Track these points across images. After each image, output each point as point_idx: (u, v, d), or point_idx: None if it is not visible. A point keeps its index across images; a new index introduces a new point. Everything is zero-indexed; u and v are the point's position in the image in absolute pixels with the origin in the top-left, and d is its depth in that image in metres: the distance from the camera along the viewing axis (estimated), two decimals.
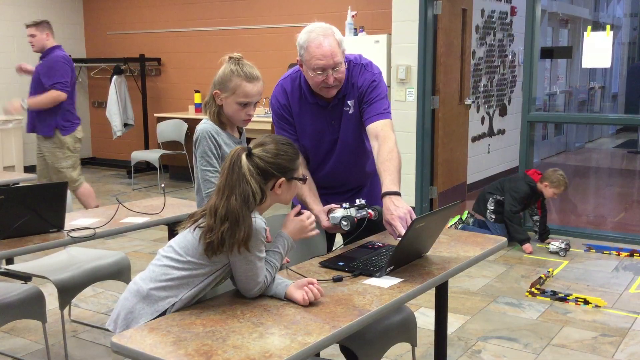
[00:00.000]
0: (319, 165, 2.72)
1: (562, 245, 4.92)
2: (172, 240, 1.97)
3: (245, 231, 1.82)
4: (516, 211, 5.12)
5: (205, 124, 2.47)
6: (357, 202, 2.49)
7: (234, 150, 1.93)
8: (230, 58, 2.43)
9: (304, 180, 2.06)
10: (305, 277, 2.10)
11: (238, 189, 1.85)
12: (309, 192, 2.60)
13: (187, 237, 1.91)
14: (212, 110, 2.47)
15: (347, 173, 2.73)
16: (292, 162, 1.98)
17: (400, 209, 2.30)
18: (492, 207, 5.25)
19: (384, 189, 2.39)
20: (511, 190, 5.15)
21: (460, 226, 5.36)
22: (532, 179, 5.14)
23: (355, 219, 2.43)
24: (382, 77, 2.64)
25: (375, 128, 2.54)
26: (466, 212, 5.49)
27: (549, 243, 5.06)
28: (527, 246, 5.03)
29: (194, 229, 1.89)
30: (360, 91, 2.59)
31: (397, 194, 2.37)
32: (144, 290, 1.88)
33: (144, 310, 1.86)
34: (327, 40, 2.43)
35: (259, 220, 1.88)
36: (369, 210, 2.46)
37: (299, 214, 2.09)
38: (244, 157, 1.90)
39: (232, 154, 1.92)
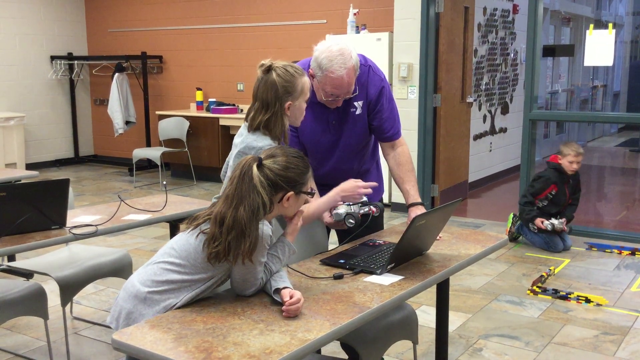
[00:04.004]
0: (319, 163, 2.71)
1: (556, 222, 4.89)
2: (173, 241, 1.94)
3: (252, 242, 1.81)
4: (527, 202, 5.03)
5: (267, 141, 2.19)
6: None
7: (244, 160, 1.89)
8: (269, 68, 2.22)
9: (312, 194, 2.02)
10: (305, 274, 2.11)
11: (248, 200, 1.82)
12: None
13: (190, 240, 1.88)
14: (279, 125, 2.22)
15: (348, 171, 2.73)
16: (301, 176, 1.94)
17: None
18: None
19: (411, 200, 2.59)
20: (532, 180, 5.10)
21: (517, 224, 5.21)
22: (553, 163, 5.06)
23: (359, 215, 2.42)
24: (386, 81, 2.69)
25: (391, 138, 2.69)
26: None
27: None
28: (538, 220, 4.94)
29: (197, 234, 1.87)
30: (370, 99, 2.61)
31: (422, 204, 2.61)
32: (141, 293, 1.86)
33: (145, 311, 1.85)
34: (347, 75, 2.42)
35: (266, 227, 1.86)
36: (372, 207, 2.46)
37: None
38: (255, 167, 1.86)
39: (243, 163, 1.88)
